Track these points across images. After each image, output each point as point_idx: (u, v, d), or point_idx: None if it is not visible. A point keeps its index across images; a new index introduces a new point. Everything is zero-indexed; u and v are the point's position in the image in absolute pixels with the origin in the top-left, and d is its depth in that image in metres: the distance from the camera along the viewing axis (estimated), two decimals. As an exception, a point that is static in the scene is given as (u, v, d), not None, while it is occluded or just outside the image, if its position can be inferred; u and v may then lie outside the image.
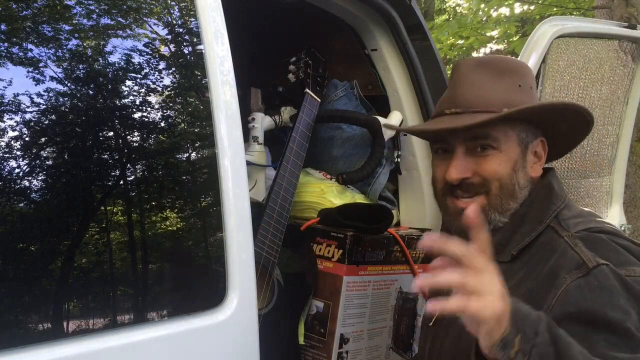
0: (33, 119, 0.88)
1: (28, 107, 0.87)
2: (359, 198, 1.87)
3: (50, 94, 0.90)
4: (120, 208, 0.99)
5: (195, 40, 1.12)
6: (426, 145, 1.92)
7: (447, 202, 1.17)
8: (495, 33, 7.57)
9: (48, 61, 0.90)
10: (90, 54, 0.98)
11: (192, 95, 1.13)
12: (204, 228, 1.13)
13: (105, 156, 0.97)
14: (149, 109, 1.04)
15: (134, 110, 1.02)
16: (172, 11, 1.15)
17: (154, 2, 1.12)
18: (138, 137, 1.01)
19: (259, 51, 2.11)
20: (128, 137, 1.00)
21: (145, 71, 1.04)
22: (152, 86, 1.05)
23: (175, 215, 1.07)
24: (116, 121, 0.99)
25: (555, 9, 6.88)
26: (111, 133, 0.98)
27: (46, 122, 0.90)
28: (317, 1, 1.80)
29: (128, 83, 1.02)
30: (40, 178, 0.88)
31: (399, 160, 1.94)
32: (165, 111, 1.08)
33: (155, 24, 1.09)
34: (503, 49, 9.32)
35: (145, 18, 1.08)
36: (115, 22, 1.02)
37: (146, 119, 1.03)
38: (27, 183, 0.86)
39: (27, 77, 0.87)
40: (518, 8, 7.42)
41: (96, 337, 0.89)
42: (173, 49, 1.13)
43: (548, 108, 1.16)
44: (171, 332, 0.97)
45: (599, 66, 2.12)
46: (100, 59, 0.99)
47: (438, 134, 1.19)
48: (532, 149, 1.17)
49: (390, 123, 1.86)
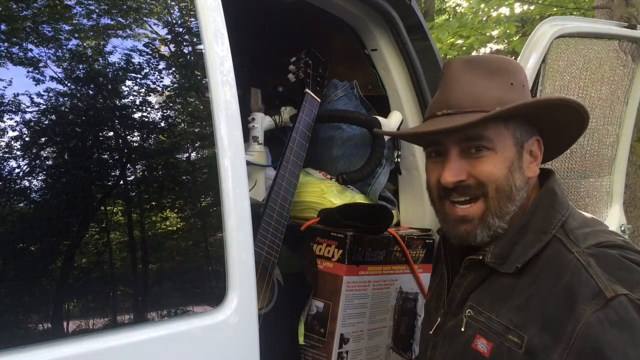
0: (33, 119, 0.88)
1: (28, 107, 0.87)
2: (359, 198, 1.87)
3: (50, 94, 0.90)
4: (120, 208, 0.99)
5: (195, 40, 1.12)
6: (426, 145, 1.92)
7: (445, 209, 1.14)
8: (495, 33, 7.58)
9: (48, 61, 0.90)
10: (90, 54, 0.98)
11: (192, 95, 1.13)
12: (204, 228, 1.13)
13: (105, 156, 0.97)
14: (149, 109, 1.04)
15: (134, 110, 1.02)
16: (172, 11, 1.15)
17: (154, 2, 1.12)
18: (138, 137, 1.01)
19: (259, 51, 2.11)
20: (128, 137, 1.00)
21: (145, 71, 1.04)
22: (152, 86, 1.05)
23: (175, 215, 1.07)
24: (116, 121, 0.99)
25: (555, 9, 6.88)
26: (111, 133, 0.98)
27: (46, 122, 0.90)
28: (317, 1, 1.80)
29: (128, 83, 1.02)
30: (40, 178, 0.88)
31: (399, 160, 1.94)
32: (165, 111, 1.08)
33: (155, 24, 1.09)
34: (503, 49, 9.32)
35: (145, 18, 1.08)
36: (115, 22, 1.02)
37: (146, 119, 1.03)
38: (27, 183, 0.86)
39: (27, 77, 0.87)
40: (518, 8, 7.42)
41: (96, 337, 0.89)
42: (173, 49, 1.13)
43: (542, 104, 1.12)
44: (171, 332, 0.97)
45: (599, 66, 2.13)
46: (100, 59, 0.99)
47: (430, 137, 1.16)
48: (528, 148, 1.14)
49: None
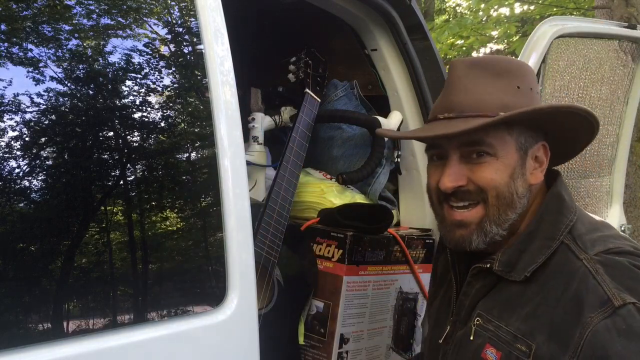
0: (33, 119, 0.88)
1: (28, 107, 0.87)
2: (359, 198, 1.87)
3: (50, 94, 0.90)
4: (120, 208, 0.99)
5: (195, 40, 1.12)
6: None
7: (444, 212, 1.12)
8: (495, 33, 7.58)
9: (48, 61, 0.90)
10: (90, 54, 0.98)
11: (192, 95, 1.13)
12: (204, 228, 1.13)
13: (105, 156, 0.97)
14: (149, 109, 1.04)
15: (134, 110, 1.02)
16: (172, 11, 1.15)
17: (154, 2, 1.12)
18: (138, 137, 1.01)
19: (259, 51, 2.11)
20: (128, 137, 1.00)
21: (145, 71, 1.04)
22: (152, 86, 1.05)
23: (175, 215, 1.07)
24: (116, 121, 0.99)
25: (555, 9, 6.88)
26: (111, 133, 0.98)
27: (46, 122, 0.90)
28: (317, 1, 1.80)
29: (128, 83, 1.02)
30: (40, 178, 0.88)
31: (399, 160, 1.94)
32: (165, 111, 1.08)
33: (155, 24, 1.09)
34: (503, 49, 9.32)
35: (145, 18, 1.08)
36: (115, 22, 1.02)
37: (146, 119, 1.03)
38: (27, 183, 0.86)
39: (27, 77, 0.87)
40: (518, 8, 7.42)
41: (96, 337, 0.89)
42: (173, 49, 1.13)
43: (547, 111, 1.07)
44: (171, 332, 0.97)
45: (599, 66, 2.13)
46: (100, 59, 0.99)
47: (432, 140, 1.14)
48: (533, 154, 1.10)
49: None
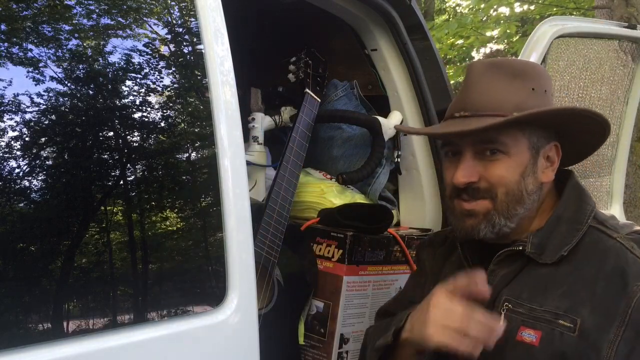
0: (33, 119, 0.88)
1: (28, 107, 0.87)
2: (359, 198, 1.87)
3: (50, 94, 0.90)
4: (120, 208, 0.99)
5: (195, 40, 1.12)
6: (426, 145, 1.92)
7: (454, 204, 1.17)
8: (495, 33, 7.58)
9: (48, 61, 0.90)
10: (90, 54, 0.98)
11: (192, 95, 1.13)
12: (204, 228, 1.13)
13: (105, 156, 0.97)
14: (149, 109, 1.04)
15: (134, 110, 1.02)
16: (172, 11, 1.15)
17: (154, 2, 1.12)
18: (138, 137, 1.01)
19: (259, 51, 2.11)
20: (128, 137, 1.00)
21: (145, 71, 1.04)
22: (152, 86, 1.05)
23: (175, 215, 1.07)
24: (116, 121, 0.99)
25: (555, 9, 6.89)
26: (111, 133, 0.98)
27: (46, 122, 0.90)
28: (317, 1, 1.80)
29: (128, 83, 1.02)
30: (40, 178, 0.88)
31: (399, 160, 1.94)
32: (165, 111, 1.08)
33: (155, 24, 1.09)
34: (503, 49, 9.32)
35: (145, 18, 1.08)
36: (115, 22, 1.02)
37: (146, 119, 1.03)
38: (27, 183, 0.86)
39: (27, 77, 0.87)
40: (518, 8, 7.43)
41: (96, 337, 0.89)
42: (173, 49, 1.13)
43: (561, 113, 1.14)
44: (171, 332, 0.97)
45: (599, 66, 2.13)
46: (100, 59, 0.99)
47: (446, 137, 1.19)
48: (544, 154, 1.15)
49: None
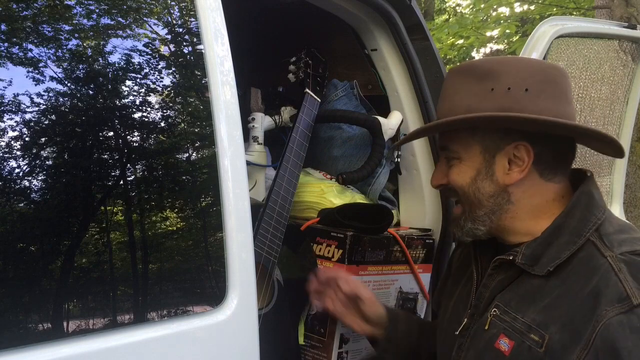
0: (33, 119, 0.88)
1: (28, 107, 0.87)
2: (359, 198, 1.87)
3: (50, 94, 0.90)
4: (120, 208, 0.99)
5: (195, 40, 1.12)
6: (426, 145, 1.92)
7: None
8: (495, 33, 7.58)
9: (48, 61, 0.90)
10: (90, 54, 0.98)
11: (192, 95, 1.13)
12: (204, 228, 1.13)
13: (105, 156, 0.97)
14: (149, 109, 1.04)
15: (134, 110, 1.02)
16: (172, 11, 1.15)
17: (154, 2, 1.12)
18: (138, 137, 1.01)
19: (259, 51, 2.11)
20: (128, 137, 1.00)
21: (145, 71, 1.04)
22: (152, 86, 1.05)
23: (175, 215, 1.07)
24: (116, 121, 0.99)
25: (555, 9, 6.89)
26: (111, 133, 0.98)
27: (46, 122, 0.90)
28: (317, 1, 1.80)
29: (128, 83, 1.02)
30: (40, 178, 0.88)
31: (399, 160, 1.94)
32: (165, 111, 1.08)
33: (155, 24, 1.09)
34: (503, 49, 9.32)
35: (145, 18, 1.08)
36: (115, 22, 1.02)
37: (146, 119, 1.03)
38: (27, 183, 0.86)
39: (27, 77, 0.87)
40: (518, 8, 7.43)
41: (96, 337, 0.89)
42: (173, 49, 1.13)
43: (487, 119, 1.08)
44: (171, 332, 0.97)
45: (599, 66, 2.12)
46: (100, 59, 0.99)
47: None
48: (504, 157, 1.11)
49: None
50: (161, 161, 1.06)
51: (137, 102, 1.02)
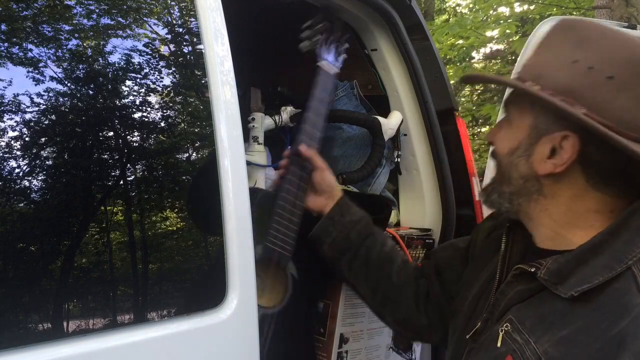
0: (33, 119, 0.88)
1: (28, 107, 0.87)
2: (359, 198, 1.87)
3: (50, 94, 0.90)
4: (120, 208, 0.99)
5: (195, 40, 1.12)
6: (426, 145, 1.92)
7: None
8: (495, 33, 7.59)
9: (48, 61, 0.90)
10: (90, 54, 0.98)
11: (192, 95, 1.13)
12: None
13: (105, 156, 0.97)
14: (149, 109, 1.04)
15: (134, 110, 1.02)
16: (172, 11, 1.15)
17: (154, 2, 1.12)
18: (138, 137, 1.01)
19: (259, 51, 2.11)
20: (128, 137, 1.01)
21: (145, 71, 1.04)
22: (152, 86, 1.05)
23: (175, 215, 1.07)
24: (116, 121, 0.99)
25: (555, 9, 6.89)
26: (111, 133, 0.99)
27: (46, 122, 0.90)
28: (317, 1, 1.80)
29: (128, 83, 1.02)
30: (40, 178, 0.88)
31: (399, 160, 1.94)
32: (165, 111, 1.08)
33: (155, 24, 1.10)
34: (503, 49, 9.33)
35: (145, 18, 1.08)
36: (115, 22, 1.02)
37: (146, 119, 1.03)
38: (27, 183, 0.87)
39: (27, 77, 0.87)
40: (518, 8, 7.43)
41: (96, 337, 0.89)
42: (173, 49, 1.13)
43: (547, 103, 0.92)
44: (171, 332, 0.97)
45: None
46: (100, 59, 0.99)
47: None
48: (548, 142, 0.94)
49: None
50: (161, 161, 1.06)
51: (137, 102, 1.02)
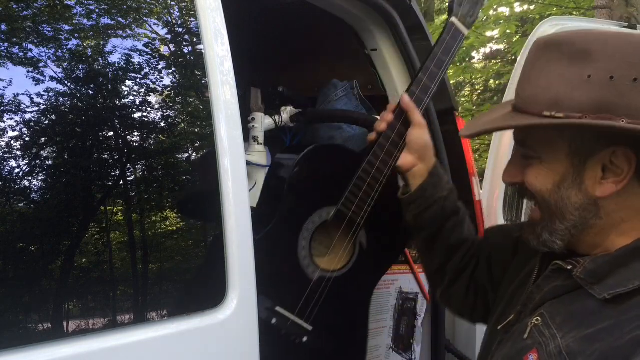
0: (33, 119, 0.88)
1: (28, 107, 0.87)
2: (359, 198, 1.86)
3: (50, 94, 0.90)
4: (120, 208, 0.99)
5: (195, 40, 1.12)
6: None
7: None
8: (495, 33, 7.58)
9: (48, 61, 0.90)
10: (90, 54, 0.98)
11: (192, 95, 1.13)
12: (204, 228, 1.13)
13: (105, 156, 0.97)
14: (149, 109, 1.04)
15: (134, 110, 1.02)
16: (172, 11, 1.15)
17: (154, 2, 1.12)
18: (138, 137, 1.01)
19: (259, 51, 2.11)
20: (128, 137, 1.00)
21: (145, 71, 1.04)
22: (152, 86, 1.05)
23: (175, 215, 1.07)
24: (116, 121, 0.99)
25: (555, 9, 6.89)
26: (111, 133, 0.99)
27: (46, 122, 0.90)
28: (317, 1, 1.80)
29: (128, 83, 1.02)
30: (40, 178, 0.88)
31: (399, 160, 1.94)
32: (165, 111, 1.08)
33: (155, 24, 1.09)
34: (503, 49, 9.32)
35: (145, 18, 1.08)
36: (115, 22, 1.02)
37: (146, 119, 1.03)
38: (27, 183, 0.87)
39: (27, 77, 0.87)
40: (518, 8, 7.43)
41: (96, 337, 0.89)
42: (173, 49, 1.13)
43: (591, 127, 0.86)
44: (171, 332, 0.97)
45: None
46: (100, 59, 0.99)
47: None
48: (597, 163, 0.89)
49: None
50: (161, 161, 1.06)
51: (137, 102, 1.02)
